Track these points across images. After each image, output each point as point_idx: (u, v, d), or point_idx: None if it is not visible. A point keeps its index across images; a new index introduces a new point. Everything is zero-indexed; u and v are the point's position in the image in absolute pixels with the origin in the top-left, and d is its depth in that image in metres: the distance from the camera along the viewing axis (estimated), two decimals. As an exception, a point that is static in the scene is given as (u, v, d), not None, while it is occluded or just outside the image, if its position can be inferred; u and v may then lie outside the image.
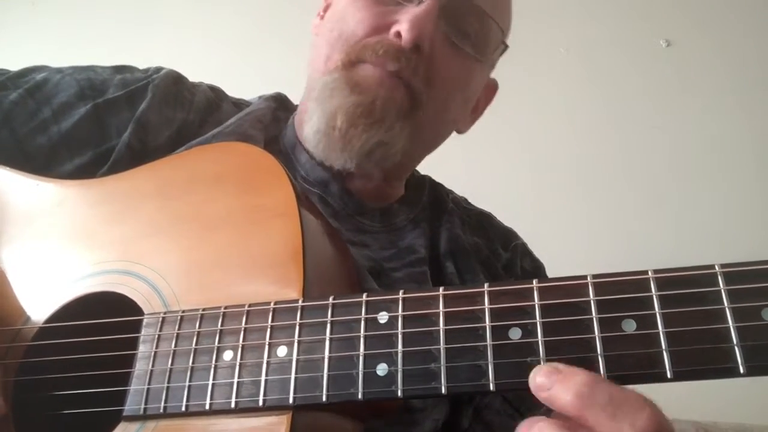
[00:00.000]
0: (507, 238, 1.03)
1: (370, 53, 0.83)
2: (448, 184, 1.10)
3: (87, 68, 0.94)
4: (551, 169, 2.38)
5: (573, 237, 2.19)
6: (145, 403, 0.57)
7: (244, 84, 1.12)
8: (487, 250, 0.98)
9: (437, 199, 1.03)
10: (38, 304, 0.69)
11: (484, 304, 0.49)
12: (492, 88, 1.05)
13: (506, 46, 0.96)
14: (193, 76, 1.00)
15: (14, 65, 0.94)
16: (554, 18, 2.54)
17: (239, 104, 1.00)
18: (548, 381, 0.44)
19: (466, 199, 1.08)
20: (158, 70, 0.95)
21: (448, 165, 1.13)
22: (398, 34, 0.83)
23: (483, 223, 1.03)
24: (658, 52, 2.46)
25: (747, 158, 2.28)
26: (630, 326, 0.45)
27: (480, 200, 1.11)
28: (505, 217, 1.10)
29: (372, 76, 0.83)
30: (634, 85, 2.45)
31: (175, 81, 0.94)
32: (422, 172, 1.09)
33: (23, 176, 0.80)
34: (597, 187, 2.33)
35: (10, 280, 0.73)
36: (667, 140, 2.37)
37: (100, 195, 0.76)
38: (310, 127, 0.86)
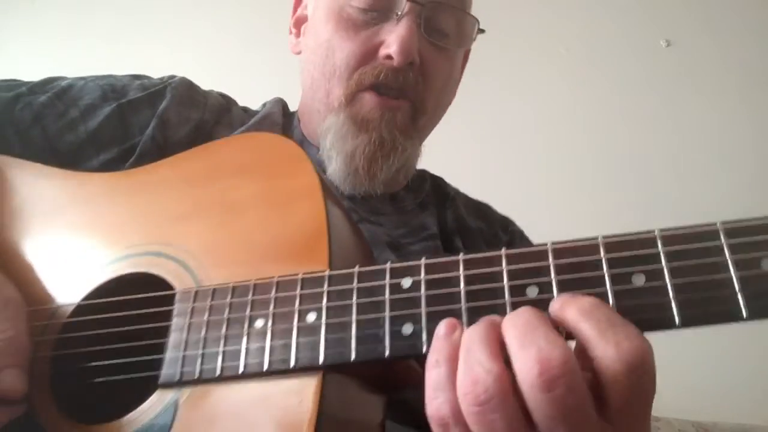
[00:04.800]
0: (505, 223, 1.10)
1: (369, 78, 0.91)
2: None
3: (106, 76, 1.01)
4: (551, 168, 2.40)
5: (573, 236, 2.20)
6: (181, 368, 0.60)
7: (243, 82, 1.15)
8: (488, 234, 1.05)
9: (439, 187, 1.11)
10: (72, 287, 0.72)
11: (501, 266, 0.53)
12: (467, 53, 1.11)
13: (482, 31, 1.01)
14: (193, 75, 1.06)
15: (14, 65, 0.98)
16: (554, 18, 2.57)
17: (247, 110, 1.08)
18: (560, 301, 0.49)
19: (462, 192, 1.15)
20: (172, 76, 1.02)
21: (449, 166, 1.16)
22: (388, 56, 0.90)
23: (482, 210, 1.11)
24: (658, 52, 2.49)
25: (748, 158, 2.31)
26: (640, 280, 0.48)
27: (481, 198, 1.15)
28: (507, 215, 1.14)
29: (372, 108, 0.91)
30: (635, 84, 2.47)
31: (189, 86, 1.02)
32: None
33: (54, 169, 0.84)
34: (597, 187, 2.35)
35: (43, 266, 0.76)
36: (668, 140, 2.39)
37: (129, 185, 0.79)
38: (333, 170, 0.93)
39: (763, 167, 2.28)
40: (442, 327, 0.50)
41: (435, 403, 0.48)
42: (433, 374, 0.49)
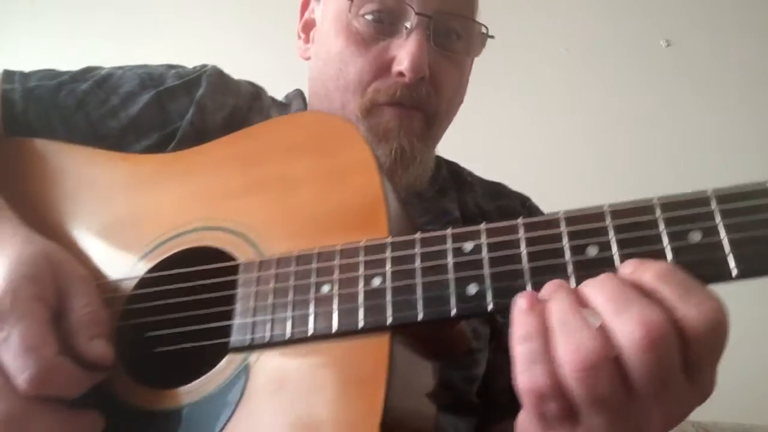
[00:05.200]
0: (522, 198, 1.15)
1: (384, 97, 0.93)
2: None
3: (142, 65, 1.04)
4: (551, 168, 2.42)
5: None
6: (252, 333, 0.63)
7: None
8: (508, 209, 1.09)
9: (455, 172, 1.15)
10: (132, 263, 0.75)
11: (560, 228, 0.56)
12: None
13: (491, 37, 1.04)
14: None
15: (14, 65, 1.01)
16: (554, 18, 2.60)
17: (274, 99, 1.11)
18: (632, 265, 0.52)
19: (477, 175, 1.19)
20: (204, 65, 1.06)
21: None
22: (400, 73, 0.92)
23: (499, 189, 1.15)
24: (658, 52, 2.52)
25: (748, 158, 2.32)
26: (696, 237, 0.51)
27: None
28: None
29: (390, 119, 0.94)
30: (634, 84, 2.49)
31: (221, 75, 1.06)
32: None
33: (105, 152, 0.88)
34: (597, 187, 2.36)
35: (101, 244, 0.79)
36: (667, 141, 2.41)
37: (183, 165, 0.82)
38: None
39: (764, 167, 2.30)
40: (523, 301, 0.52)
41: (529, 375, 0.50)
42: (525, 348, 0.50)
